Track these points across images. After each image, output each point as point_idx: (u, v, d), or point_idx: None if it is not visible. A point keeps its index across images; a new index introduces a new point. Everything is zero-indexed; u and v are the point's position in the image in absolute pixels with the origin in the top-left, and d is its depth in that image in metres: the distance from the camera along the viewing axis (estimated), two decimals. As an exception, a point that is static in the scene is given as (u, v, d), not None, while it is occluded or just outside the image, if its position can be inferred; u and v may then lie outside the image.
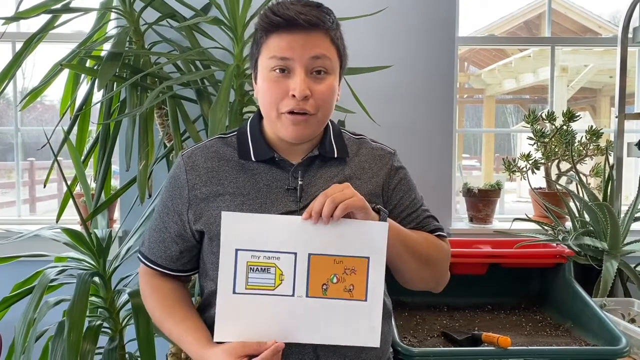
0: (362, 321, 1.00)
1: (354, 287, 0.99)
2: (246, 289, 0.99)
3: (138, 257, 1.19)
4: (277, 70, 1.03)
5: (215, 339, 1.00)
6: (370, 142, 1.20)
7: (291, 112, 1.03)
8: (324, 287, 0.99)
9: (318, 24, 1.02)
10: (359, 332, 1.00)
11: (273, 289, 0.99)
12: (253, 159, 1.10)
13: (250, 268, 0.99)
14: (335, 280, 0.99)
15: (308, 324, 0.99)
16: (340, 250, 0.99)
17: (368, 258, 1.00)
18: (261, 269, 0.99)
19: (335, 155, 1.12)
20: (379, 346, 1.01)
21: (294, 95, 1.02)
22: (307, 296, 0.99)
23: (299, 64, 1.02)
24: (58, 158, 1.77)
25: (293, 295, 0.99)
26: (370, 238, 1.00)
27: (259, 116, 1.14)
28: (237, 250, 0.99)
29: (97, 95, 1.94)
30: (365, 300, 1.00)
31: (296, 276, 0.99)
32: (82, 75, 2.04)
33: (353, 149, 1.16)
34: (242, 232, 1.00)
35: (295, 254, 0.99)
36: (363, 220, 1.00)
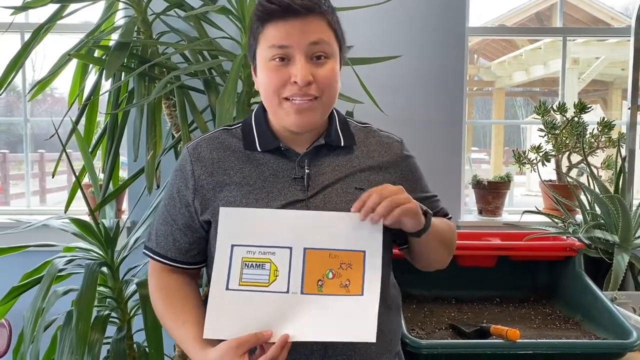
0: (358, 315, 0.95)
1: (350, 282, 0.97)
2: (239, 285, 0.97)
3: (145, 252, 1.15)
4: (277, 59, 1.02)
5: (205, 337, 0.97)
6: (378, 130, 1.19)
7: (294, 100, 1.02)
8: (320, 283, 0.96)
9: (314, 8, 1.01)
10: (354, 326, 0.95)
11: (267, 285, 0.96)
12: (259, 149, 1.09)
13: (245, 264, 0.97)
14: (330, 275, 0.97)
15: (302, 321, 0.95)
16: (335, 244, 0.98)
17: (364, 252, 0.98)
18: (256, 264, 0.97)
19: (342, 144, 1.11)
20: (374, 341, 0.94)
21: (295, 82, 1.01)
22: (301, 293, 0.96)
23: (298, 50, 1.01)
24: (68, 150, 1.78)
25: (288, 292, 0.96)
26: (366, 232, 0.98)
27: (263, 107, 1.13)
28: (232, 245, 0.98)
29: (105, 86, 1.95)
30: (362, 294, 0.96)
31: (291, 272, 0.97)
32: (90, 66, 2.04)
33: (360, 137, 1.15)
34: (239, 227, 0.98)
35: (291, 248, 0.97)
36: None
